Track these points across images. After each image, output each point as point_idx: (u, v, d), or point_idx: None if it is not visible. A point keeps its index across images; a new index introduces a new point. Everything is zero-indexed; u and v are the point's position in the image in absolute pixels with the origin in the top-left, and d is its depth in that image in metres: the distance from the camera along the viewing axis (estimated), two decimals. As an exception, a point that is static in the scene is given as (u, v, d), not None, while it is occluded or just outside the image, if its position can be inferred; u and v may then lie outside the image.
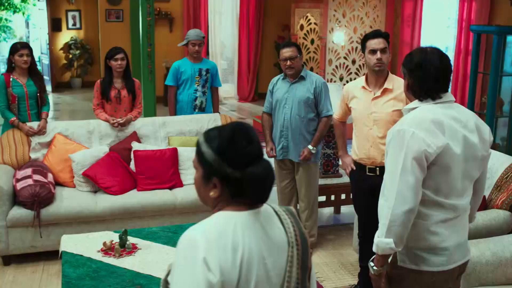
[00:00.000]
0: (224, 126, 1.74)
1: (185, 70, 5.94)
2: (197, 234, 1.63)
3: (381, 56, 3.75)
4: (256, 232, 1.67)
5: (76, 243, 3.83)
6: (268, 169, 1.69)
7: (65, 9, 14.34)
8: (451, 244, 2.55)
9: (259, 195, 1.70)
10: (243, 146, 1.66)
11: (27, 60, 5.21)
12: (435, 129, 2.44)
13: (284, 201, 4.97)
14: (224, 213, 1.69)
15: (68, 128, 5.39)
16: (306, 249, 1.78)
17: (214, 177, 1.68)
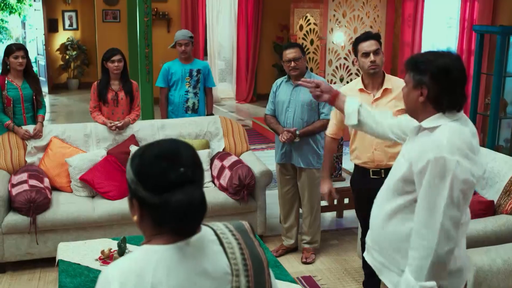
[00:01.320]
0: (153, 144, 1.56)
1: (176, 71, 5.84)
2: (113, 275, 1.46)
3: (374, 58, 3.67)
4: (186, 267, 1.48)
5: (73, 251, 3.72)
6: (193, 198, 1.46)
7: (62, 9, 14.22)
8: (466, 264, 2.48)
9: (181, 225, 1.48)
10: (162, 170, 1.47)
11: (23, 62, 5.09)
12: (473, 154, 2.23)
13: (285, 206, 4.86)
14: (148, 248, 1.51)
15: (64, 132, 5.27)
16: (261, 272, 1.58)
17: (134, 200, 1.52)
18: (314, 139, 4.59)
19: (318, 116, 4.55)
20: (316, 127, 4.52)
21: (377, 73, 3.73)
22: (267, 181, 5.03)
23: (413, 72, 2.35)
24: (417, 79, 2.32)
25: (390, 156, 3.68)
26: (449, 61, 2.29)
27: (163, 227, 1.50)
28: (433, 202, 2.18)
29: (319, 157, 4.62)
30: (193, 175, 1.50)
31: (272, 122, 4.73)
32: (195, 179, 1.50)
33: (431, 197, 2.19)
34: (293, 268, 4.57)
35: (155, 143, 1.56)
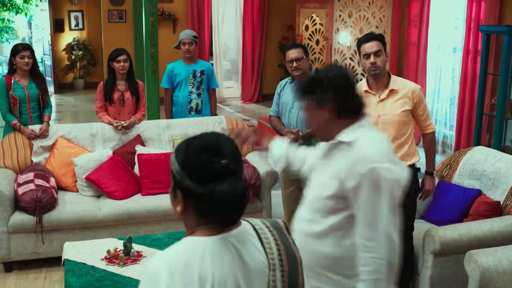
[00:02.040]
0: (196, 137, 1.62)
1: (179, 72, 5.85)
2: (160, 266, 1.50)
3: (375, 59, 3.65)
4: (229, 258, 1.53)
5: (79, 251, 3.73)
6: (236, 188, 1.52)
7: (68, 9, 14.26)
8: None
9: (224, 215, 1.54)
10: (207, 161, 1.53)
11: (29, 62, 5.11)
12: (395, 158, 2.27)
13: (290, 207, 4.84)
14: (193, 239, 1.56)
15: (70, 131, 5.29)
16: (296, 269, 1.64)
17: (178, 191, 1.57)
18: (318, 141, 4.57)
19: (323, 117, 4.54)
20: None
21: (379, 74, 3.71)
22: (272, 181, 5.03)
23: (310, 96, 2.34)
24: (318, 99, 2.31)
25: (403, 154, 3.72)
26: (339, 70, 2.34)
27: (207, 218, 1.54)
28: (374, 214, 2.19)
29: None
30: (235, 167, 1.55)
31: (276, 124, 4.73)
32: (237, 171, 1.56)
33: (371, 210, 2.19)
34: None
35: (198, 136, 1.61)
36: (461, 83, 7.62)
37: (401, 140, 3.72)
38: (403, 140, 3.73)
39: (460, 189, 4.29)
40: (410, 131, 3.76)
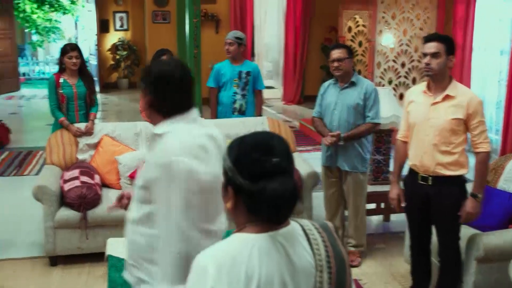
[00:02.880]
0: (249, 135, 1.64)
1: (225, 72, 5.90)
2: (208, 261, 1.52)
3: (429, 60, 3.56)
4: (276, 256, 1.55)
5: (122, 247, 3.78)
6: (287, 187, 1.53)
7: (113, 10, 14.54)
8: None
9: (274, 213, 1.55)
10: (259, 158, 1.54)
11: (76, 62, 5.24)
12: (204, 154, 2.23)
13: (331, 209, 4.84)
14: (241, 236, 1.58)
15: (115, 130, 5.39)
16: (343, 271, 1.65)
17: (229, 187, 1.60)
18: (360, 143, 4.55)
19: (364, 119, 4.51)
20: (361, 131, 4.49)
21: (434, 76, 3.59)
22: (313, 182, 5.02)
23: (142, 82, 2.36)
24: (143, 88, 2.33)
25: (437, 163, 3.59)
26: (168, 68, 2.30)
27: (256, 215, 1.56)
28: (168, 206, 2.15)
29: (364, 161, 4.58)
30: (287, 166, 1.57)
31: (318, 125, 4.72)
32: (287, 169, 1.57)
33: (165, 201, 2.16)
34: (338, 271, 4.54)
35: (251, 134, 1.63)
36: (508, 86, 7.45)
37: (447, 149, 3.57)
38: (450, 148, 3.57)
39: (505, 195, 4.20)
40: (459, 141, 3.57)
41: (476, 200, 3.58)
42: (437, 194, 3.63)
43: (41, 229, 4.69)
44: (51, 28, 20.72)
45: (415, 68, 8.82)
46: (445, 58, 3.55)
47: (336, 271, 1.62)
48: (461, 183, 3.64)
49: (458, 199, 3.61)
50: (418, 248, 3.93)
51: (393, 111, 5.13)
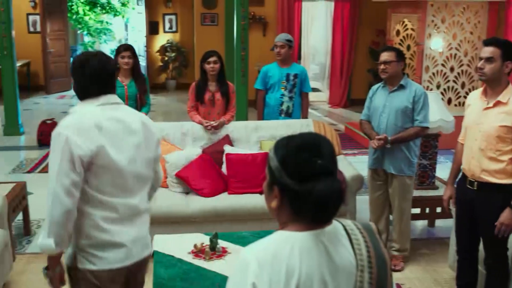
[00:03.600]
0: (296, 135, 1.65)
1: (273, 74, 5.94)
2: (250, 256, 1.56)
3: (482, 65, 3.51)
4: (317, 255, 1.57)
5: (168, 244, 3.88)
6: (333, 188, 1.55)
7: (162, 12, 14.76)
8: (126, 239, 2.63)
9: (319, 214, 1.57)
10: (306, 159, 1.56)
11: (129, 62, 5.39)
12: (91, 132, 2.49)
13: (375, 212, 4.82)
14: (283, 233, 1.61)
15: (163, 130, 5.49)
16: (384, 272, 1.65)
17: (275, 187, 1.61)
18: (407, 146, 4.52)
19: (412, 123, 4.49)
20: (409, 134, 4.46)
21: (488, 81, 3.52)
22: (358, 185, 5.02)
23: None
24: None
25: (483, 169, 3.54)
26: (84, 58, 2.64)
27: (300, 215, 1.59)
28: (51, 170, 2.49)
29: (411, 165, 4.55)
30: (332, 167, 1.59)
31: (366, 128, 4.72)
32: (333, 171, 1.59)
33: (50, 166, 2.50)
34: (381, 275, 4.53)
35: (298, 135, 1.65)
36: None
37: (494, 155, 3.50)
38: (496, 155, 3.50)
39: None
40: (508, 149, 3.48)
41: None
42: (481, 200, 3.58)
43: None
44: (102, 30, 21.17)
45: (464, 72, 8.68)
46: (500, 63, 3.47)
47: (377, 271, 1.63)
48: (506, 193, 3.51)
49: (500, 208, 3.51)
50: (464, 254, 3.88)
51: (440, 115, 5.07)
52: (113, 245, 2.60)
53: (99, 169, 2.51)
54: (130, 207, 2.65)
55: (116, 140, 2.56)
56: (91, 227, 2.56)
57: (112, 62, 2.73)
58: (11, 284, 4.41)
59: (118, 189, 2.59)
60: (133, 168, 2.61)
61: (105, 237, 2.58)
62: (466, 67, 8.67)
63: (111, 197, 2.57)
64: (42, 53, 13.85)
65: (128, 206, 2.64)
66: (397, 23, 9.42)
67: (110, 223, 2.58)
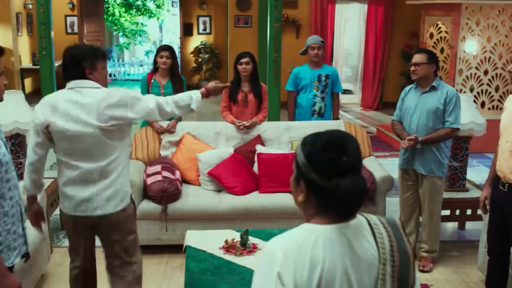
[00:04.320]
0: (322, 133, 1.71)
1: (305, 76, 6.00)
2: (276, 247, 1.62)
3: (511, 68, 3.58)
4: (340, 247, 1.62)
5: (199, 239, 3.98)
6: (357, 185, 1.61)
7: (197, 14, 14.93)
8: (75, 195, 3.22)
9: (343, 209, 1.64)
10: (333, 156, 1.62)
11: (166, 62, 5.52)
12: (47, 108, 3.17)
13: (405, 213, 4.85)
14: (308, 226, 1.67)
15: (196, 129, 5.61)
16: (407, 266, 1.69)
17: (302, 181, 1.68)
18: (438, 147, 4.54)
19: (443, 124, 4.51)
20: (439, 135, 4.48)
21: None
22: (388, 186, 5.05)
23: None
24: None
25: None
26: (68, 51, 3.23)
27: (325, 209, 1.65)
28: None
29: (441, 166, 4.57)
30: (357, 164, 1.65)
31: (397, 128, 4.76)
32: (358, 168, 1.65)
33: None
34: (410, 275, 4.56)
35: (324, 132, 1.72)
36: None
37: None
38: None
39: None
40: None
41: None
42: (509, 201, 3.59)
43: (124, 219, 4.95)
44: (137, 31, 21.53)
45: (499, 76, 8.61)
46: None
47: (399, 265, 1.67)
48: None
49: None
50: (495, 255, 3.89)
51: (472, 118, 5.08)
52: (65, 196, 3.29)
53: (56, 137, 3.18)
54: (85, 169, 3.20)
55: (67, 117, 3.13)
56: (60, 184, 3.30)
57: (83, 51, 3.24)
58: (48, 275, 4.57)
59: (75, 155, 3.19)
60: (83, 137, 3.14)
61: (65, 190, 3.27)
62: (500, 70, 8.60)
63: (72, 161, 3.21)
64: (79, 54, 14.18)
65: (83, 168, 3.19)
66: (431, 26, 9.39)
67: (68, 183, 3.24)
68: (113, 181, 3.23)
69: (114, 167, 3.22)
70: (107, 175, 3.21)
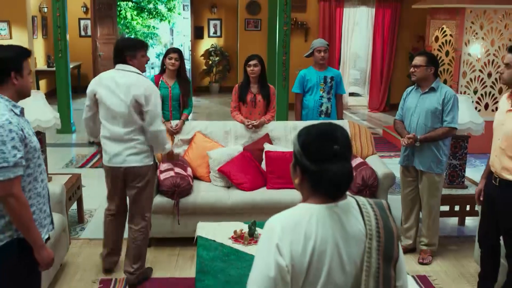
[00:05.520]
0: (315, 125, 1.95)
1: (311, 78, 6.25)
2: (275, 222, 1.86)
3: (502, 70, 3.83)
4: (331, 223, 1.84)
5: (210, 230, 4.23)
6: (344, 169, 1.84)
7: (208, 18, 15.19)
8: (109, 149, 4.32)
9: (333, 190, 1.87)
10: (322, 145, 1.85)
11: (175, 64, 5.77)
12: (97, 80, 4.34)
13: (406, 208, 5.08)
14: (304, 205, 1.90)
15: (207, 128, 5.88)
16: (391, 241, 1.91)
17: (298, 167, 1.92)
18: (436, 145, 4.77)
19: (441, 124, 4.74)
20: (437, 134, 4.72)
21: (506, 85, 3.84)
22: (389, 183, 5.28)
23: None
24: None
25: (503, 167, 3.78)
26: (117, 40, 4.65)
27: (317, 190, 1.89)
28: None
29: (439, 163, 4.80)
30: (345, 152, 1.88)
31: (398, 127, 5.00)
32: (346, 155, 1.88)
33: None
34: (410, 267, 4.79)
35: (317, 124, 1.95)
36: None
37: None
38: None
39: None
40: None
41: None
42: (501, 196, 3.82)
43: (138, 213, 5.21)
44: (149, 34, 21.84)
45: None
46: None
47: (384, 240, 1.90)
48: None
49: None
50: (487, 247, 4.12)
51: (470, 118, 5.29)
52: (105, 150, 4.36)
53: (99, 103, 4.29)
54: (115, 133, 4.24)
55: (107, 89, 4.22)
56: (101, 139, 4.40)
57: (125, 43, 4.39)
58: (67, 265, 4.83)
59: (110, 119, 4.25)
60: (115, 107, 4.19)
61: (103, 145, 4.38)
62: (503, 73, 8.78)
63: (107, 124, 4.28)
64: (92, 56, 14.49)
65: (113, 132, 4.25)
66: (436, 29, 9.59)
67: (105, 139, 4.32)
68: (135, 144, 4.26)
69: (137, 134, 4.24)
70: (131, 139, 4.24)
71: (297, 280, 1.82)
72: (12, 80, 2.78)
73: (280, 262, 1.79)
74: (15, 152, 2.64)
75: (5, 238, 2.74)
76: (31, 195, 2.80)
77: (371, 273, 1.86)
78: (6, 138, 2.61)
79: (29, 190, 2.80)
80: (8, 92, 2.78)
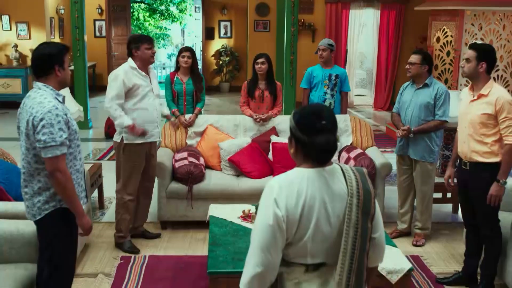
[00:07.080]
0: (308, 105, 2.42)
1: (317, 74, 6.67)
2: (274, 182, 2.26)
3: (463, 63, 4.34)
4: (319, 183, 2.23)
5: (221, 210, 4.68)
6: (329, 140, 2.22)
7: (218, 19, 15.62)
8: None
9: (320, 157, 2.27)
10: (312, 121, 2.24)
11: (188, 61, 6.19)
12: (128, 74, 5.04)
13: (402, 194, 5.50)
14: (298, 169, 2.30)
15: (218, 121, 6.34)
16: (368, 199, 2.28)
17: (292, 139, 2.33)
18: (429, 136, 5.19)
19: (433, 117, 5.16)
20: (429, 126, 5.14)
21: (467, 77, 4.36)
22: (386, 171, 5.69)
23: None
24: None
25: (472, 151, 4.26)
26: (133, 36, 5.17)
27: (308, 157, 2.31)
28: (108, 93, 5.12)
29: (432, 152, 5.21)
30: (331, 127, 2.27)
31: (395, 119, 5.43)
32: (332, 129, 2.27)
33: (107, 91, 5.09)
34: (404, 248, 5.19)
35: (308, 105, 2.42)
36: None
37: (479, 139, 4.22)
38: (481, 139, 4.21)
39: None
40: (490, 133, 4.18)
41: (499, 184, 4.17)
42: (473, 178, 4.33)
43: (155, 199, 5.67)
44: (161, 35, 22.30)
45: (500, 77, 9.18)
46: (476, 63, 4.23)
47: (363, 199, 2.30)
48: (493, 169, 4.21)
49: (488, 184, 4.21)
50: (468, 226, 4.57)
51: (461, 112, 5.70)
52: None
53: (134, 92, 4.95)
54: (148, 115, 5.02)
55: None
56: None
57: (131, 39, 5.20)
58: (90, 245, 5.29)
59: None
60: None
61: None
62: (502, 72, 9.18)
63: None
64: (107, 56, 15.01)
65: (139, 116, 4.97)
66: (437, 30, 9.98)
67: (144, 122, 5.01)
68: None
69: None
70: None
71: (291, 228, 2.24)
72: (56, 72, 3.25)
73: (278, 212, 2.21)
74: (61, 133, 3.12)
75: (49, 207, 3.24)
76: (71, 171, 3.27)
77: (351, 224, 2.27)
78: (54, 121, 3.09)
79: (70, 167, 3.26)
80: (52, 82, 3.26)
